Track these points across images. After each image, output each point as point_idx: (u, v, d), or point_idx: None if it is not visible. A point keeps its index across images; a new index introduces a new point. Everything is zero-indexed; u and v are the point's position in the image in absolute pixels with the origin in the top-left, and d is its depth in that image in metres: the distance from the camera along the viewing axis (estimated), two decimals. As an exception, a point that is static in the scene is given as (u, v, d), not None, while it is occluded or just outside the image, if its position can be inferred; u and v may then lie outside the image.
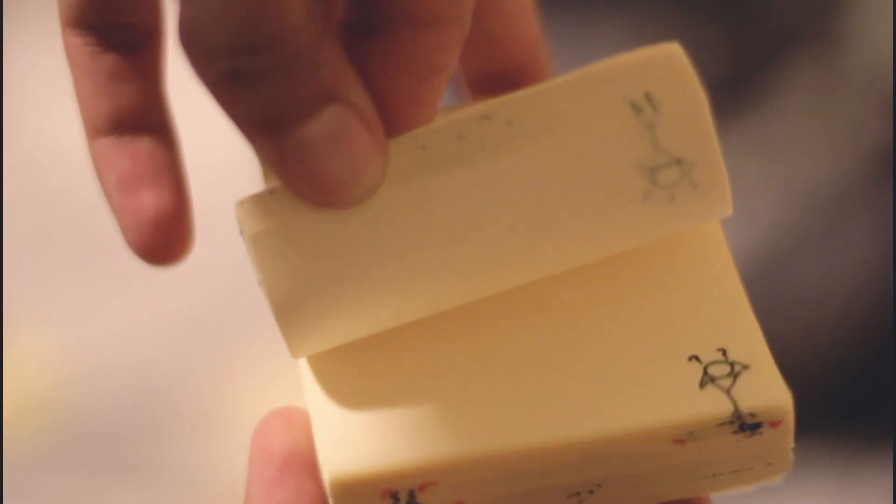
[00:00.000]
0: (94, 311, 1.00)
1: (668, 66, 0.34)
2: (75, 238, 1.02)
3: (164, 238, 0.36)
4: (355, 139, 0.32)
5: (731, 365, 0.34)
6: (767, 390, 0.33)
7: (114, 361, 0.98)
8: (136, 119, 0.37)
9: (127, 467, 0.94)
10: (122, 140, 0.37)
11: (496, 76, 0.40)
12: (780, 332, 0.94)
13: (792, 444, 0.34)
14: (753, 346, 0.34)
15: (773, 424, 0.33)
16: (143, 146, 0.37)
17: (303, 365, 0.34)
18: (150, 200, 0.36)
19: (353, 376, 0.34)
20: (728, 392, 0.33)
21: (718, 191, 0.34)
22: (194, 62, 0.31)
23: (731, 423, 0.33)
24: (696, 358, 0.34)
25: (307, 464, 0.34)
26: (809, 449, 0.88)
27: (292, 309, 0.33)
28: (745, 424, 0.33)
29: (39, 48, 1.09)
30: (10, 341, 0.99)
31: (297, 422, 0.34)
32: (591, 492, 0.34)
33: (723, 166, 0.34)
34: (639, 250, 0.35)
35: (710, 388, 0.33)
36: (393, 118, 0.33)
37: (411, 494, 0.33)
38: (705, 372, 0.34)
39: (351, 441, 0.33)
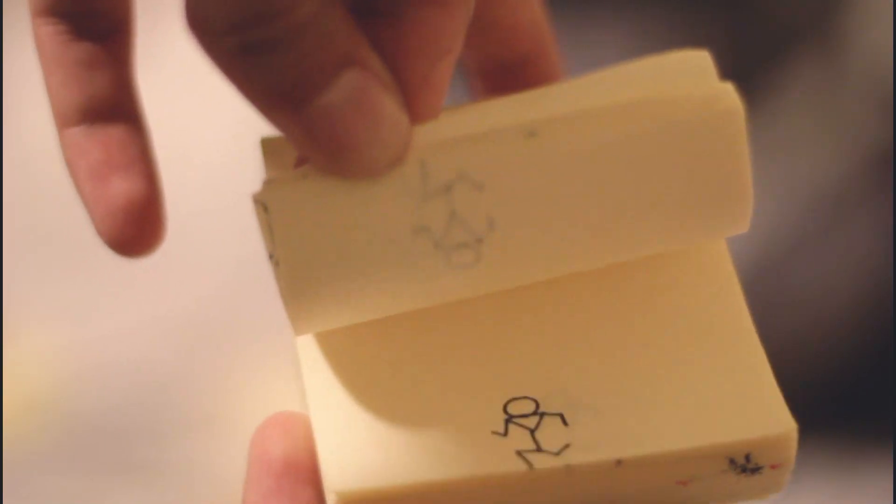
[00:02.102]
0: (94, 311, 1.00)
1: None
2: (75, 238, 1.02)
3: (135, 227, 0.35)
4: (377, 101, 0.32)
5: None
6: (771, 420, 0.33)
7: (114, 361, 0.98)
8: (107, 108, 0.37)
9: (127, 467, 0.94)
10: (92, 129, 0.36)
11: (504, 65, 0.40)
12: (780, 332, 0.94)
13: (788, 477, 0.34)
14: (757, 374, 0.34)
15: (774, 467, 0.33)
16: (114, 135, 0.36)
17: (304, 369, 0.34)
18: (122, 188, 0.36)
19: (356, 386, 0.33)
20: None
21: (741, 211, 0.34)
22: (203, 42, 0.31)
23: (733, 468, 0.33)
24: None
25: (305, 471, 0.33)
26: (809, 449, 0.88)
27: (302, 284, 0.32)
28: (746, 468, 0.33)
29: (39, 48, 1.09)
30: (10, 341, 0.99)
31: (295, 428, 0.34)
32: None
33: (750, 191, 0.34)
34: (640, 265, 0.35)
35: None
36: (405, 102, 0.32)
37: None
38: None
39: (356, 459, 0.32)
